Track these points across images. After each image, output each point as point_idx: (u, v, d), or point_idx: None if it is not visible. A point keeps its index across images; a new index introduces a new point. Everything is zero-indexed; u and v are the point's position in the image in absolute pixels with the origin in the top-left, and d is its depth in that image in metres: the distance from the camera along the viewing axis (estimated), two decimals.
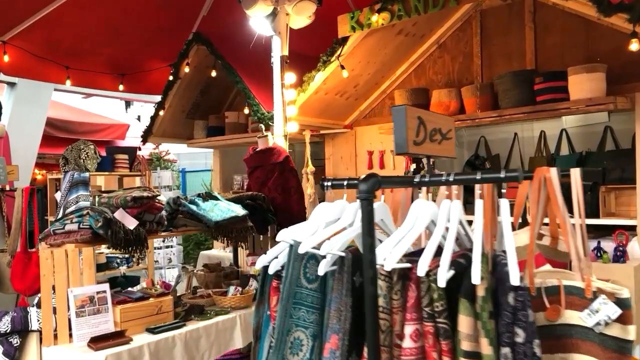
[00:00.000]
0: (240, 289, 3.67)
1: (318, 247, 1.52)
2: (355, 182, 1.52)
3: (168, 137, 6.94)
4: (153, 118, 6.64)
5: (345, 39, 4.61)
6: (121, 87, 6.89)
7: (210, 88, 6.81)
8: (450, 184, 1.51)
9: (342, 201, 1.73)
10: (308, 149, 5.41)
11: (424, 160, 5.20)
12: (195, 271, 4.22)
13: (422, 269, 1.36)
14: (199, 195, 3.81)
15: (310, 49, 5.19)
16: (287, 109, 4.63)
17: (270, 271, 1.65)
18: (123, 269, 5.52)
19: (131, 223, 3.14)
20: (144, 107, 16.76)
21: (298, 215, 4.39)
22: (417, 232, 1.51)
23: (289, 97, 4.63)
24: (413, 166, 5.06)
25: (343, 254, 1.51)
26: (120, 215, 3.13)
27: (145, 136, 6.71)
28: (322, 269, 1.51)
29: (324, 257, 1.53)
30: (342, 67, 4.61)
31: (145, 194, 3.28)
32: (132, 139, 9.25)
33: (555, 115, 4.10)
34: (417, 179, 1.56)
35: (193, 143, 6.97)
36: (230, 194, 4.30)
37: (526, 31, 4.58)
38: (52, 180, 5.65)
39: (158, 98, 9.49)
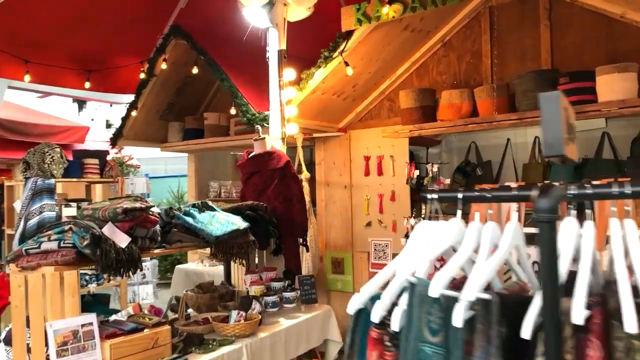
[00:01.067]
0: (243, 313, 3.18)
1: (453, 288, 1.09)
2: (505, 193, 1.10)
3: (140, 140, 6.35)
4: (124, 119, 6.05)
5: (349, 33, 4.20)
6: (87, 85, 6.26)
7: (187, 87, 6.27)
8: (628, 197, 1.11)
9: (456, 220, 1.31)
10: (301, 154, 4.97)
11: (429, 167, 4.86)
12: (185, 292, 3.70)
13: (631, 324, 0.95)
14: (194, 206, 3.31)
15: (302, 50, 4.77)
16: (286, 109, 4.18)
17: (375, 318, 1.21)
18: (92, 286, 4.91)
19: (123, 240, 2.63)
20: (99, 110, 15.88)
21: (300, 227, 3.96)
22: (589, 266, 1.10)
23: (287, 96, 4.18)
24: (417, 172, 4.70)
25: (488, 296, 1.09)
26: (109, 230, 2.61)
27: (115, 139, 6.11)
28: (458, 318, 1.08)
29: (453, 299, 1.11)
30: (346, 64, 4.20)
31: (137, 204, 2.77)
32: (91, 142, 8.57)
33: (582, 118, 3.81)
34: (616, 189, 1.14)
35: (167, 147, 6.41)
36: (224, 204, 3.81)
37: (541, 29, 4.29)
38: (10, 187, 5.00)
39: (121, 98, 8.92)
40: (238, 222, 3.38)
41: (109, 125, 14.76)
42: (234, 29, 5.85)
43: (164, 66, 5.59)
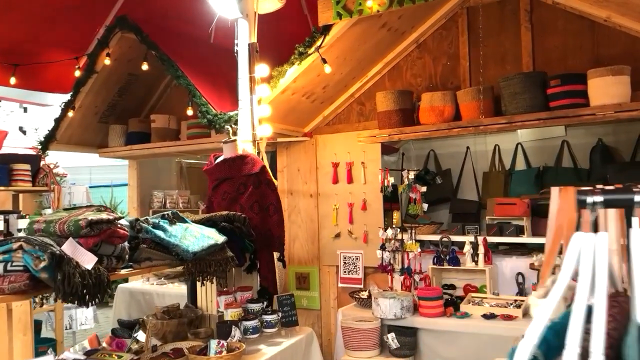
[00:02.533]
0: (224, 342, 2.72)
1: None
2: None
3: (75, 145, 5.67)
4: (58, 120, 5.36)
5: (327, 28, 3.86)
6: (13, 81, 5.51)
7: (130, 87, 5.67)
8: None
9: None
10: (266, 160, 4.54)
11: (404, 174, 4.59)
12: (147, 318, 3.17)
13: None
14: (163, 217, 2.82)
15: (270, 46, 4.38)
16: (258, 109, 3.75)
17: None
18: None
19: (88, 260, 2.11)
20: (11, 115, 14.51)
21: (278, 240, 3.53)
22: None
23: (259, 94, 3.75)
24: (392, 179, 4.41)
25: None
26: (70, 248, 2.08)
27: (46, 143, 5.40)
28: None
29: None
30: (324, 61, 3.84)
31: (104, 215, 2.26)
32: (9, 148, 7.66)
33: (576, 122, 3.67)
34: None
35: (108, 152, 5.76)
36: (191, 215, 3.29)
37: (522, 31, 4.15)
38: None
39: (44, 98, 8.04)
40: (214, 236, 2.92)
41: (23, 132, 13.50)
42: (187, 23, 5.36)
43: (107, 62, 4.99)
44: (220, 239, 2.93)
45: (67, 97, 5.59)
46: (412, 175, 4.37)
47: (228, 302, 3.16)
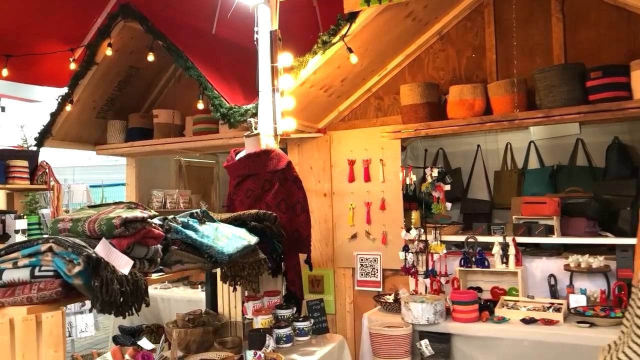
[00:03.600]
0: (261, 354, 2.47)
1: None
2: None
3: (71, 142, 5.34)
4: (55, 115, 5.04)
5: (353, 16, 3.63)
6: (5, 73, 5.17)
7: (131, 80, 5.37)
8: None
9: None
10: None
11: (427, 171, 4.38)
12: (168, 326, 2.91)
13: None
14: (191, 215, 2.56)
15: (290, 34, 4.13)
16: (281, 101, 3.51)
17: None
18: None
19: (124, 264, 1.85)
20: None
21: (307, 241, 3.29)
22: None
23: (282, 85, 3.51)
24: (413, 177, 4.19)
25: None
26: (104, 251, 1.82)
27: (42, 139, 5.06)
28: None
29: None
30: (350, 50, 3.61)
31: (138, 213, 2.00)
32: None
33: (620, 116, 3.49)
34: None
35: (106, 149, 5.45)
36: (215, 214, 3.02)
37: (553, 22, 3.97)
38: None
39: (28, 92, 7.66)
40: (246, 237, 2.67)
41: None
42: (188, 14, 5.11)
43: (108, 52, 4.69)
44: (253, 239, 2.68)
45: (56, 92, 5.29)
46: (435, 172, 4.16)
47: (257, 308, 2.91)
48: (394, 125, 4.27)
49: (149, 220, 2.05)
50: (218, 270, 3.16)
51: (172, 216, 2.48)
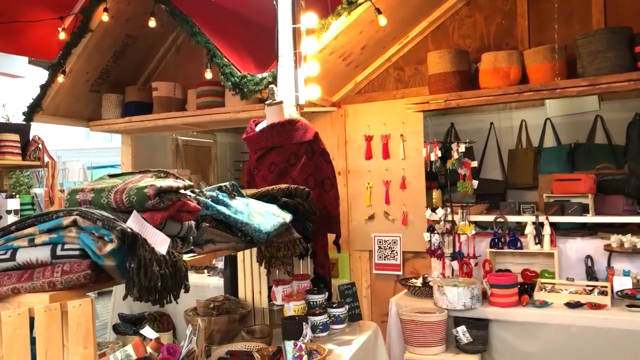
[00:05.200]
0: (302, 345, 2.18)
1: None
2: None
3: (62, 117, 4.94)
4: (45, 87, 4.64)
5: None
6: None
7: (127, 51, 4.98)
8: None
9: None
10: None
11: (454, 147, 4.10)
12: (187, 313, 2.61)
13: None
14: (220, 189, 2.24)
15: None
16: (304, 67, 3.18)
17: None
18: None
19: (160, 242, 1.54)
20: None
21: (336, 220, 3.00)
22: None
23: (306, 49, 3.18)
24: (439, 153, 3.92)
25: None
26: (137, 225, 1.50)
27: (31, 113, 4.66)
28: None
29: None
30: (379, 12, 3.29)
31: (171, 182, 1.68)
32: None
33: None
34: None
35: (101, 125, 5.07)
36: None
37: None
38: None
39: (7, 66, 7.19)
40: (280, 214, 2.36)
41: None
42: None
43: (104, 18, 4.30)
44: (287, 216, 2.38)
45: (40, 70, 4.89)
46: (462, 148, 3.89)
47: (287, 294, 2.61)
48: (418, 96, 3.97)
49: (184, 191, 1.73)
50: (240, 253, 2.87)
51: (197, 190, 2.16)
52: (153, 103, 4.86)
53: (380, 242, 4.33)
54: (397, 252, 4.27)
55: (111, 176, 1.80)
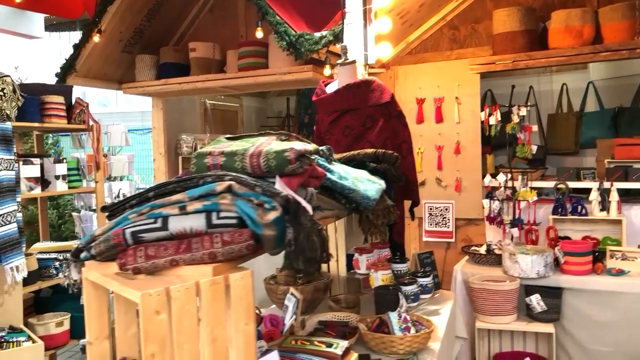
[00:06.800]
0: (407, 317, 2.08)
1: None
2: None
3: (94, 79, 4.75)
4: (79, 47, 4.43)
5: None
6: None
7: (161, 9, 4.75)
8: None
9: None
10: None
11: (514, 110, 3.96)
12: (268, 281, 2.51)
13: None
14: (317, 153, 2.09)
15: None
16: (375, 23, 3.01)
17: None
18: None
19: (306, 209, 1.41)
20: None
21: (414, 187, 2.87)
22: None
23: (377, 3, 3.00)
24: (499, 117, 3.78)
25: None
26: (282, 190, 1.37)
27: (64, 74, 4.47)
28: None
29: None
30: None
31: (303, 145, 1.55)
32: None
33: None
34: None
35: (134, 87, 4.87)
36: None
37: None
38: None
39: (24, 26, 6.90)
40: (375, 180, 2.24)
41: None
42: None
43: None
44: (382, 183, 2.25)
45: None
46: (523, 111, 3.75)
47: (371, 262, 2.50)
48: (480, 57, 3.80)
49: (313, 155, 1.59)
50: None
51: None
52: (190, 64, 4.66)
53: (431, 209, 4.23)
54: (449, 219, 4.17)
55: (228, 139, 1.66)
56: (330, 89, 2.89)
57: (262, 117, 6.98)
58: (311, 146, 1.58)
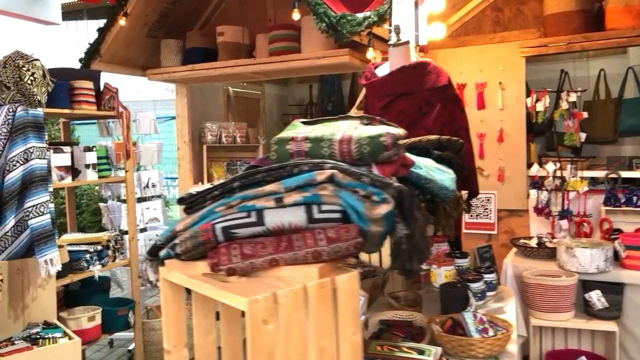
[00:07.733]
0: (482, 317, 1.92)
1: None
2: None
3: (117, 64, 4.58)
4: (104, 31, 4.26)
5: None
6: None
7: None
8: None
9: None
10: None
11: (563, 96, 3.77)
12: None
13: None
14: None
15: None
16: (427, 2, 2.82)
17: None
18: (96, 269, 3.32)
19: (419, 202, 1.24)
20: None
21: (473, 177, 2.70)
22: None
23: None
24: (547, 100, 3.59)
25: None
26: None
27: (88, 60, 4.31)
28: None
29: None
30: None
31: (397, 130, 1.38)
32: None
33: None
34: None
35: (160, 73, 4.70)
36: None
37: None
38: None
39: (39, 11, 6.74)
40: (444, 169, 2.06)
41: None
42: None
43: None
44: (451, 172, 2.08)
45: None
46: (573, 97, 3.56)
47: (433, 257, 2.34)
48: (523, 40, 3.60)
49: (402, 141, 1.43)
50: None
51: None
52: (217, 49, 4.48)
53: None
54: (490, 210, 4.00)
55: (304, 122, 1.50)
56: (381, 72, 2.72)
57: (284, 105, 6.81)
58: (401, 130, 1.41)
